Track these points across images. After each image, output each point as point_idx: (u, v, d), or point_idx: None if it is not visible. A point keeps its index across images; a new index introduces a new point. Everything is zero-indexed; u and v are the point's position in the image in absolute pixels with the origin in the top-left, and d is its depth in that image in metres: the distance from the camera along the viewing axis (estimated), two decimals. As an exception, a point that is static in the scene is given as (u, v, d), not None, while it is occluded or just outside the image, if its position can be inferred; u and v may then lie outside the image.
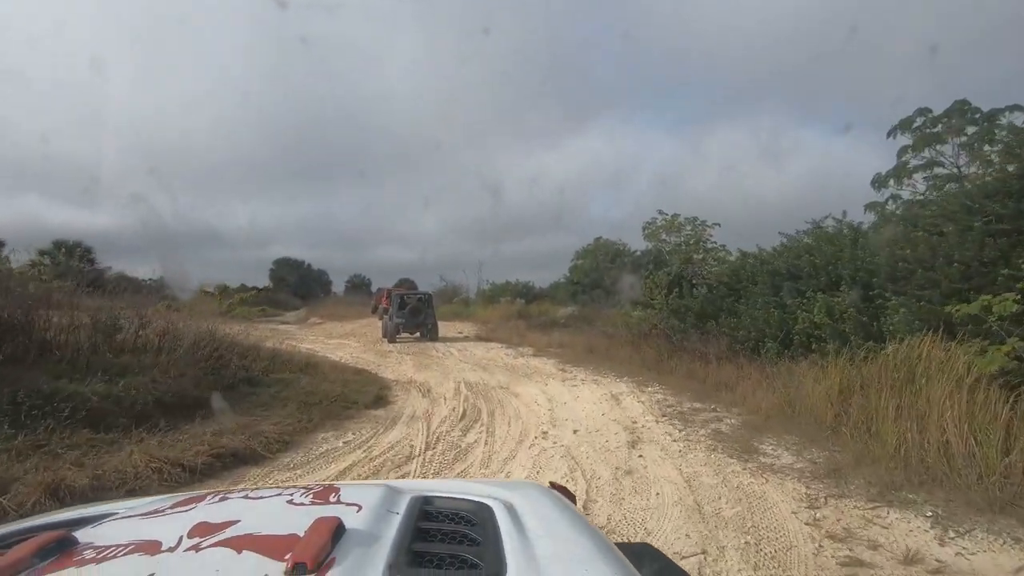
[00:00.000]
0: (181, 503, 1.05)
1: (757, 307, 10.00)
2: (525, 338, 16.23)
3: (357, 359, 12.62)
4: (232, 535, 0.82)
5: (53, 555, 0.78)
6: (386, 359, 12.80)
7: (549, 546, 0.84)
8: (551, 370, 11.32)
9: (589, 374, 10.53)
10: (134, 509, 1.09)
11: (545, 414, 7.51)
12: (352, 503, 0.95)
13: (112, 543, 0.82)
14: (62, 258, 27.25)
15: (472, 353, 14.03)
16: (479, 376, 10.74)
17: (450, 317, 25.40)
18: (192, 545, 0.79)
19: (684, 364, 9.72)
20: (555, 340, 15.33)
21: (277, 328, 20.76)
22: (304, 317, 27.11)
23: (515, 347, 15.00)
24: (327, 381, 8.89)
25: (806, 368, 7.27)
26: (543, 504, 1.07)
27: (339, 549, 0.74)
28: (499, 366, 11.99)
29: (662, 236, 26.29)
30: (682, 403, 7.62)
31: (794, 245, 11.45)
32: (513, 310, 22.89)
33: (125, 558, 0.76)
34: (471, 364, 12.23)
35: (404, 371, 11.32)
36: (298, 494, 1.05)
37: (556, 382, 9.81)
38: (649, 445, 5.69)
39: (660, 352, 10.84)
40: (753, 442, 5.55)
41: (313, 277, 47.23)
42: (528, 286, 29.55)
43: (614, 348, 12.44)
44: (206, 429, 5.83)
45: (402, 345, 15.46)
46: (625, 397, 8.13)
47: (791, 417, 6.09)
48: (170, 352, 7.11)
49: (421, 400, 8.71)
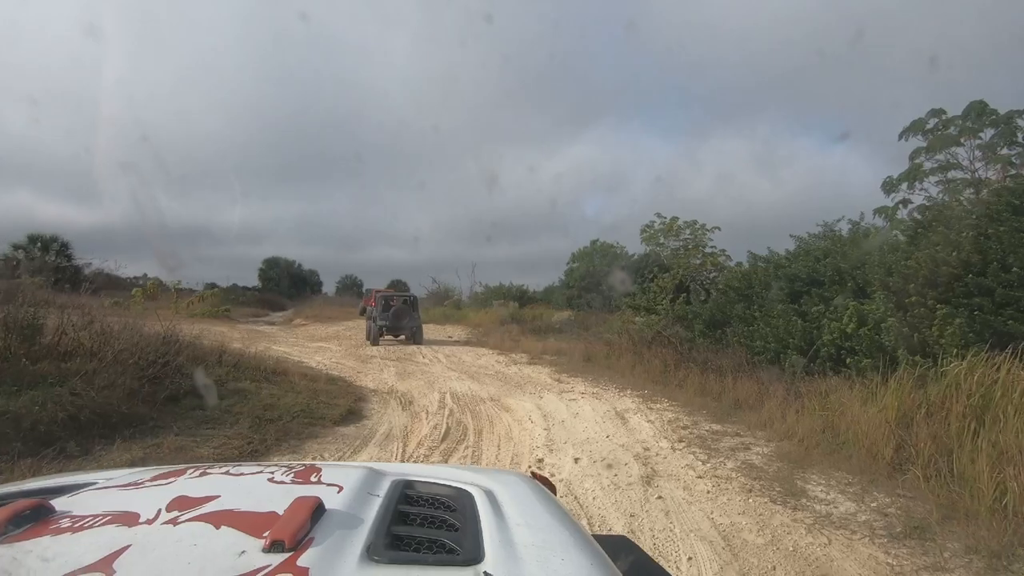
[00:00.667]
0: (161, 476, 1.02)
1: (774, 315, 8.97)
2: (519, 344, 15.12)
3: (335, 365, 11.46)
4: (211, 510, 0.80)
5: (28, 523, 0.76)
6: (367, 365, 11.66)
7: (527, 534, 0.83)
8: (547, 380, 10.22)
9: (589, 386, 9.44)
10: (113, 480, 1.04)
11: (540, 435, 6.41)
12: (333, 484, 0.93)
13: (89, 513, 0.80)
14: (37, 253, 25.93)
15: (461, 360, 12.91)
16: (467, 386, 9.63)
17: (441, 320, 24.25)
18: (170, 519, 0.77)
19: (694, 377, 8.65)
20: (550, 346, 14.23)
21: (258, 330, 19.55)
22: (290, 318, 25.89)
23: (508, 353, 13.89)
24: (293, 391, 7.75)
25: (842, 385, 6.22)
26: (523, 493, 1.06)
27: (318, 529, 0.73)
28: (490, 375, 10.88)
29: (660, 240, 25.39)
30: (698, 424, 6.54)
31: (810, 248, 10.46)
32: (506, 314, 21.79)
33: (101, 528, 0.75)
34: (459, 372, 11.11)
35: (385, 379, 10.18)
36: (279, 472, 1.03)
37: (552, 395, 8.71)
38: (668, 481, 4.60)
39: (666, 362, 9.77)
40: (797, 480, 4.48)
41: (303, 277, 45.99)
42: (522, 289, 28.51)
43: (614, 357, 11.36)
44: (125, 455, 4.70)
45: (386, 349, 14.31)
46: (632, 415, 7.04)
47: (836, 447, 5.02)
48: (102, 358, 5.96)
49: (400, 415, 7.59)
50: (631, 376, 9.97)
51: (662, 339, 10.83)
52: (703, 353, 9.58)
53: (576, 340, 15.97)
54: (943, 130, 16.92)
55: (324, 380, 9.10)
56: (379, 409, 7.85)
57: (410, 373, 10.88)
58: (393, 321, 15.12)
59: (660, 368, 9.74)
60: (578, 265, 24.99)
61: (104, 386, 5.54)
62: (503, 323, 20.21)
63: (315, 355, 12.77)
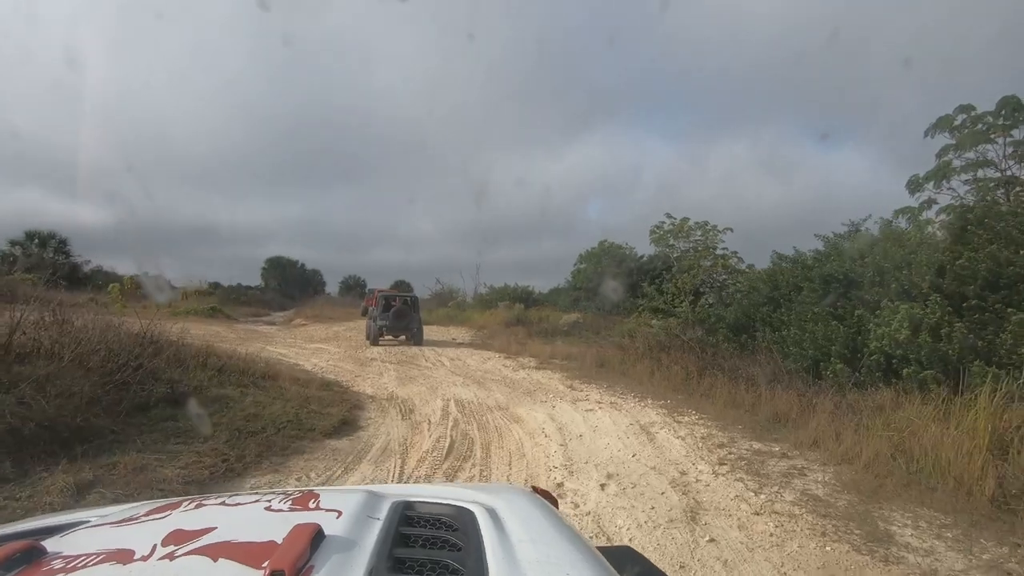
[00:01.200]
0: (155, 510, 1.00)
1: (808, 319, 8.15)
2: (525, 347, 14.32)
3: (332, 368, 10.69)
4: (208, 543, 0.78)
5: (20, 565, 0.73)
6: (366, 369, 10.88)
7: (531, 551, 0.81)
8: (558, 387, 9.41)
9: (605, 394, 8.63)
10: (106, 517, 1.02)
11: (556, 451, 5.62)
12: (332, 509, 0.91)
13: (82, 552, 0.78)
14: (35, 249, 25.28)
15: (466, 363, 12.12)
16: (473, 393, 8.83)
17: (444, 321, 23.47)
18: (166, 553, 0.75)
19: (721, 386, 7.83)
20: (559, 350, 13.42)
21: (256, 330, 18.81)
22: (290, 318, 25.16)
23: (514, 357, 13.08)
24: (282, 399, 6.97)
25: (902, 400, 5.41)
26: (525, 509, 1.03)
27: (318, 556, 0.71)
28: (496, 380, 10.08)
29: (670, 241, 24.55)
30: (736, 442, 5.72)
31: (843, 248, 9.64)
32: (512, 315, 20.98)
33: (95, 568, 0.73)
34: (464, 377, 10.32)
35: (384, 384, 9.40)
36: (276, 500, 1.00)
37: (566, 404, 7.90)
38: (718, 518, 3.79)
39: (688, 370, 8.95)
40: (877, 519, 3.66)
41: (306, 277, 45.31)
42: (527, 290, 27.69)
43: (629, 362, 10.54)
44: (73, 477, 3.92)
45: (387, 351, 13.53)
46: (658, 430, 6.22)
47: (913, 477, 4.20)
48: (60, 360, 5.19)
49: (399, 425, 6.81)
50: (650, 384, 9.15)
51: (681, 344, 10.02)
52: (729, 360, 8.76)
53: (586, 344, 15.15)
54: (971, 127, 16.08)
55: (318, 385, 8.31)
56: (377, 419, 7.06)
57: (411, 378, 10.09)
58: (393, 321, 14.61)
59: (682, 375, 8.92)
60: (585, 266, 24.16)
61: (59, 394, 4.76)
62: (508, 325, 19.41)
63: (312, 357, 12.00)
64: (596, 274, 23.00)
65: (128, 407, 5.34)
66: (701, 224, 24.11)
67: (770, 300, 10.01)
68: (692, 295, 11.00)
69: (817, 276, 8.48)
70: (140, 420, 5.34)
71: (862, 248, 9.00)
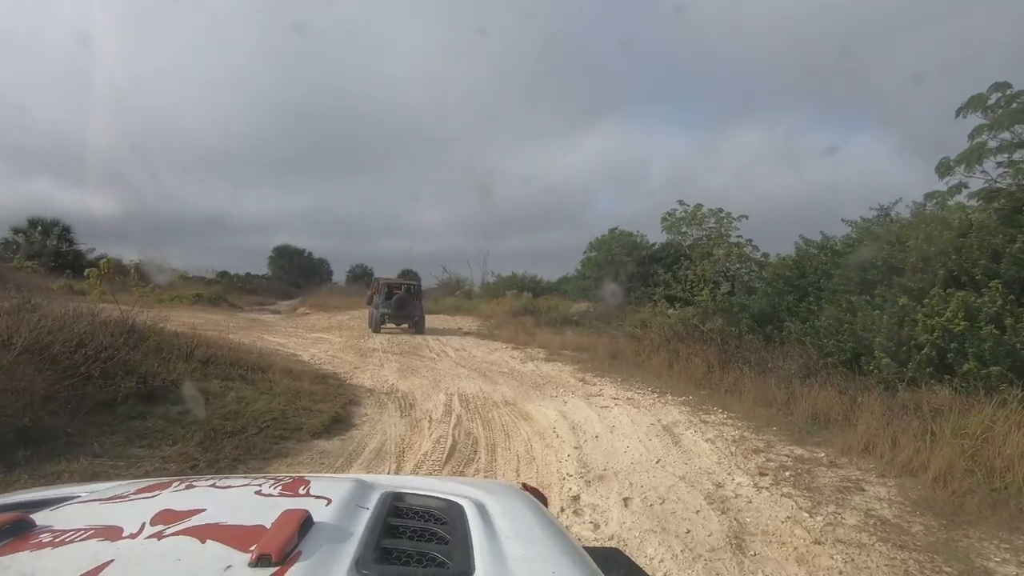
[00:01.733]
0: (145, 489, 0.98)
1: (842, 307, 7.40)
2: (534, 337, 13.65)
3: (331, 359, 10.08)
4: (196, 524, 0.77)
5: (8, 537, 0.73)
6: (366, 359, 10.26)
7: (518, 547, 0.80)
8: (569, 380, 8.75)
9: (620, 388, 7.96)
10: (96, 493, 1.01)
11: (570, 455, 4.96)
12: (321, 496, 0.90)
13: (71, 527, 0.77)
14: (38, 237, 24.88)
15: (472, 354, 11.48)
16: (478, 387, 8.20)
17: (451, 311, 22.85)
18: (154, 532, 0.75)
19: (748, 381, 7.13)
20: (570, 341, 12.74)
21: (258, 318, 18.28)
22: (294, 307, 24.66)
23: (523, 348, 12.42)
24: (270, 393, 6.36)
25: (967, 402, 4.69)
26: (514, 505, 1.02)
27: (306, 542, 0.70)
28: (504, 372, 9.43)
29: (683, 228, 23.68)
30: (773, 446, 5.04)
31: (878, 232, 8.85)
32: (519, 304, 20.31)
33: (83, 543, 0.72)
34: (469, 369, 9.68)
35: (384, 377, 8.78)
36: (267, 485, 0.99)
37: (578, 399, 7.24)
38: (769, 546, 3.11)
39: (709, 362, 8.25)
40: (967, 552, 2.98)
41: (313, 266, 44.86)
42: (535, 279, 26.99)
43: (644, 354, 9.85)
44: (6, 490, 3.32)
45: (390, 341, 12.91)
46: (683, 431, 5.55)
47: (999, 495, 3.50)
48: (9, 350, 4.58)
49: (397, 423, 6.19)
50: (669, 378, 8.47)
51: (700, 334, 9.31)
52: (754, 352, 8.05)
53: (598, 334, 14.47)
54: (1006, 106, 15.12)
55: (312, 378, 7.70)
56: (373, 415, 6.44)
57: (414, 369, 9.46)
58: (395, 309, 14.31)
59: (703, 369, 8.22)
60: (595, 254, 23.36)
61: (5, 389, 4.16)
62: (516, 314, 18.75)
63: (311, 347, 11.41)
64: (606, 262, 22.22)
65: (91, 404, 4.74)
66: (715, 211, 23.24)
67: (795, 288, 9.27)
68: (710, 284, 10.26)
69: (853, 263, 7.71)
70: (104, 419, 4.73)
71: (900, 232, 8.21)
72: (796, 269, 9.31)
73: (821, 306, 8.31)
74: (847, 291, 7.74)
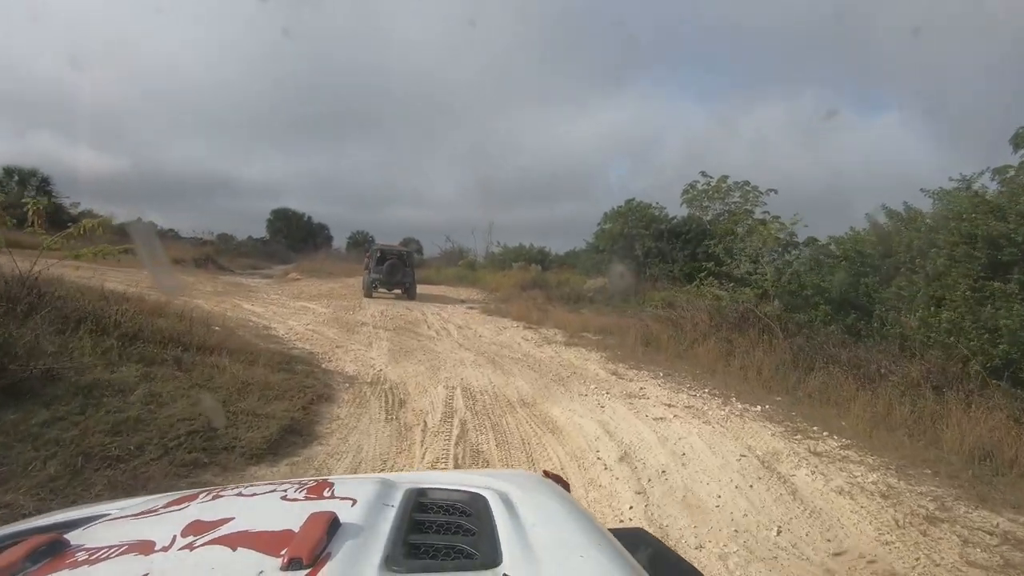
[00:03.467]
0: (174, 502, 0.98)
1: (966, 297, 5.55)
2: (548, 315, 11.81)
3: (309, 334, 8.27)
4: (226, 533, 0.76)
5: (45, 558, 0.72)
6: (352, 336, 8.46)
7: (544, 534, 0.79)
8: (599, 373, 6.96)
9: (668, 388, 6.16)
10: (126, 510, 1.01)
11: (633, 507, 3.19)
12: (346, 497, 0.88)
13: (104, 544, 0.77)
14: (14, 187, 22.86)
15: (477, 333, 9.66)
16: (487, 377, 6.41)
17: (453, 282, 20.99)
18: (186, 544, 0.74)
19: (841, 387, 5.33)
20: (590, 321, 10.91)
21: (242, 282, 16.45)
22: (287, 272, 22.84)
23: (536, 327, 10.60)
24: (207, 386, 4.55)
25: None
26: (538, 493, 1.01)
27: (335, 543, 0.69)
28: (517, 359, 7.64)
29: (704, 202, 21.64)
30: (947, 506, 3.24)
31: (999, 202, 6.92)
32: (528, 277, 18.45)
33: (118, 559, 0.72)
34: (475, 353, 7.88)
35: (371, 360, 6.98)
36: (292, 490, 0.97)
37: (618, 403, 5.46)
38: None
39: (779, 358, 6.44)
40: None
41: (312, 231, 42.82)
42: (543, 252, 25.08)
43: (686, 342, 8.03)
44: None
45: (383, 315, 11.04)
46: (792, 468, 3.75)
47: None
48: None
49: (380, 432, 4.42)
50: (725, 375, 6.66)
51: (758, 321, 7.47)
52: (841, 348, 6.23)
53: (618, 313, 12.65)
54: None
55: (276, 361, 5.89)
56: (348, 419, 4.65)
57: (408, 351, 7.66)
58: (387, 275, 14.18)
59: (770, 365, 6.41)
60: (610, 226, 21.36)
61: None
62: (524, 288, 16.91)
63: (290, 318, 9.59)
64: (621, 235, 20.24)
65: None
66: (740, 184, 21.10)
67: (873, 269, 7.41)
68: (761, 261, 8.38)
69: (982, 237, 5.80)
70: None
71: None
72: (881, 244, 7.41)
73: (915, 292, 6.47)
74: (968, 275, 5.87)
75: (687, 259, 19.18)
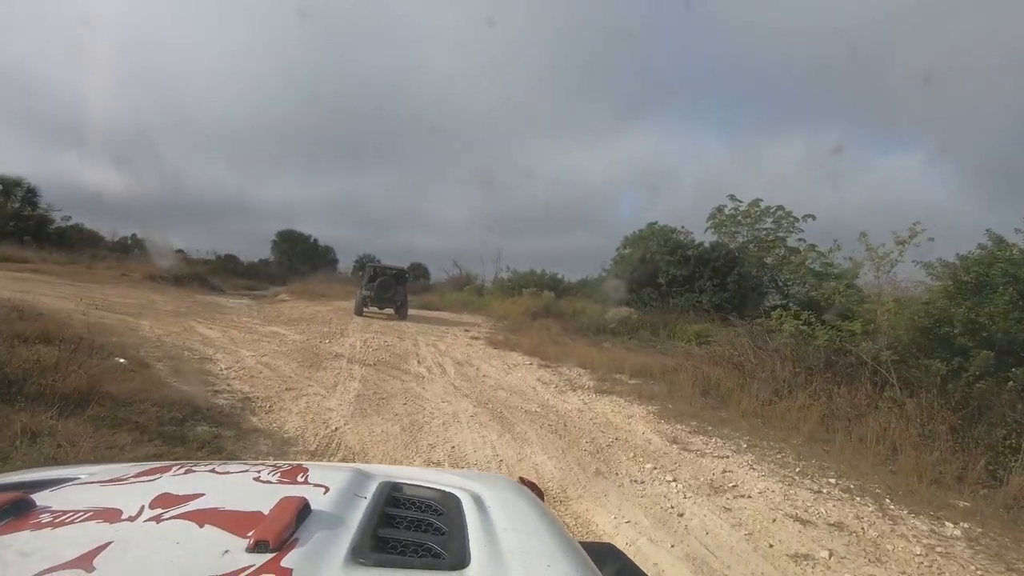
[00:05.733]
0: (145, 472, 0.94)
1: None
2: (567, 350, 9.62)
3: (262, 368, 6.16)
4: (195, 508, 0.74)
5: (8, 517, 0.69)
6: (316, 372, 6.32)
7: (513, 540, 0.76)
8: (652, 440, 4.77)
9: (765, 470, 3.96)
10: (96, 475, 0.96)
11: None
12: (320, 484, 0.86)
13: (71, 508, 0.74)
14: None
15: (480, 372, 7.50)
16: (490, 445, 4.26)
17: (458, 308, 18.87)
18: (153, 516, 0.71)
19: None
20: (621, 359, 8.69)
21: (215, 302, 14.47)
22: (277, 293, 20.97)
23: (553, 366, 8.41)
24: None
25: None
26: (511, 498, 0.97)
27: (303, 529, 0.67)
28: (532, 413, 5.46)
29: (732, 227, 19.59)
30: None
31: None
32: (539, 304, 16.34)
33: (83, 524, 0.69)
34: (476, 402, 5.72)
35: (327, 411, 4.84)
36: (266, 472, 0.94)
37: (703, 505, 3.27)
38: None
39: (920, 429, 4.24)
40: None
41: (318, 252, 41.18)
42: (556, 278, 23.00)
43: (764, 394, 5.83)
44: None
45: (366, 344, 8.90)
46: None
47: None
48: None
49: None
50: (844, 449, 4.43)
51: (865, 368, 5.28)
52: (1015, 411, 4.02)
53: (648, 349, 10.46)
54: None
55: (166, 419, 3.78)
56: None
57: (384, 398, 5.51)
58: (378, 292, 13.36)
59: (911, 437, 4.20)
60: (630, 251, 19.31)
61: None
62: (535, 316, 14.79)
63: (246, 347, 7.48)
64: (643, 261, 18.13)
65: None
66: (774, 209, 19.04)
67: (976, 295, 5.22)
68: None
69: None
70: None
71: None
72: None
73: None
74: None
75: (715, 289, 17.08)
